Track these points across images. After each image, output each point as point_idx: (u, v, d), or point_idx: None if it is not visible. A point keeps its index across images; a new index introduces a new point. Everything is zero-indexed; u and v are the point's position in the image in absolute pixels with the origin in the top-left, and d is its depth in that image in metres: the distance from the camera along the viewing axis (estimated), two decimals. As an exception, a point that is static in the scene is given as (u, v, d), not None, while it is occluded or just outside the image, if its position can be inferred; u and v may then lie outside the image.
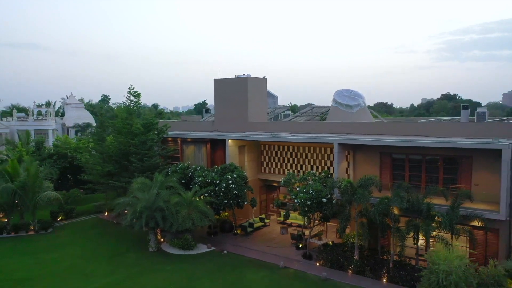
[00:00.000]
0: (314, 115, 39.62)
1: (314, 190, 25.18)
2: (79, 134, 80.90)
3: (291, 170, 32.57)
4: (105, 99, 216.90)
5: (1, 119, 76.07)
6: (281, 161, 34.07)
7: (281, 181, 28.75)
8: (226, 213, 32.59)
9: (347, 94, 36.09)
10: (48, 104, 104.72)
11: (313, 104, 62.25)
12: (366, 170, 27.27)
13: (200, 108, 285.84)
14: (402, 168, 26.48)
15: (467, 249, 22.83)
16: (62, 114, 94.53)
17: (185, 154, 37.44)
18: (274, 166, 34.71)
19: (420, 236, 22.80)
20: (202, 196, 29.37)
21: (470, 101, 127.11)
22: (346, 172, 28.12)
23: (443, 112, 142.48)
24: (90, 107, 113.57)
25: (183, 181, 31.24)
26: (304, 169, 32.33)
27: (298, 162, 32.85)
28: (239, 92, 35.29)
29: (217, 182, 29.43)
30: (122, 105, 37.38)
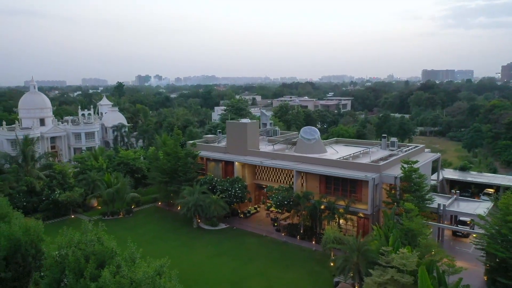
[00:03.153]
0: (288, 142, 61.84)
1: (281, 196, 48.14)
2: (115, 133, 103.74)
3: (272, 180, 55.46)
4: (119, 86, 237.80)
5: (58, 123, 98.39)
6: (267, 173, 56.86)
7: (266, 187, 51.70)
8: (235, 205, 55.63)
9: (308, 131, 58.25)
10: (83, 104, 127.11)
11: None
12: (312, 184, 50.06)
13: (210, 89, 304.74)
14: (330, 184, 49.23)
15: (356, 228, 46.00)
16: (96, 113, 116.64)
17: (208, 168, 60.46)
18: (262, 176, 57.57)
19: (332, 221, 45.94)
20: (221, 196, 52.30)
21: (470, 73, 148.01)
22: (302, 185, 50.90)
23: (421, 105, 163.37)
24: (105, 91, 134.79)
25: (209, 187, 54.18)
26: (279, 179, 55.14)
27: (276, 174, 55.66)
28: (241, 131, 57.58)
29: (230, 189, 52.42)
30: (170, 137, 59.78)
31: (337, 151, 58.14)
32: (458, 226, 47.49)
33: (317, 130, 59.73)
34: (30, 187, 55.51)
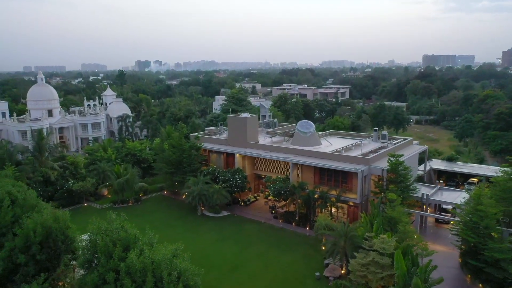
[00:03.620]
0: (286, 134, 65.81)
1: (279, 186, 52.39)
2: (120, 123, 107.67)
3: (270, 170, 59.63)
4: (121, 74, 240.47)
5: (65, 114, 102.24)
6: (265, 164, 61.05)
7: (265, 177, 55.91)
8: (235, 194, 59.93)
9: (305, 125, 62.21)
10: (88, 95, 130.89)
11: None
12: (307, 175, 54.24)
13: (210, 76, 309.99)
14: (323, 175, 53.40)
15: (346, 215, 50.40)
16: (101, 103, 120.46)
17: (211, 159, 64.61)
18: (261, 166, 61.76)
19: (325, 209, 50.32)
20: (223, 186, 56.54)
21: (469, 58, 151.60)
22: (297, 175, 55.08)
23: (417, 94, 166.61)
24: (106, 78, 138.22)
25: (212, 177, 58.40)
26: (277, 169, 59.32)
27: (274, 165, 59.84)
28: (241, 125, 61.52)
29: (231, 179, 56.65)
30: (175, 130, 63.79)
31: (331, 143, 62.22)
32: (440, 214, 51.79)
33: (313, 124, 63.71)
34: (46, 177, 59.72)
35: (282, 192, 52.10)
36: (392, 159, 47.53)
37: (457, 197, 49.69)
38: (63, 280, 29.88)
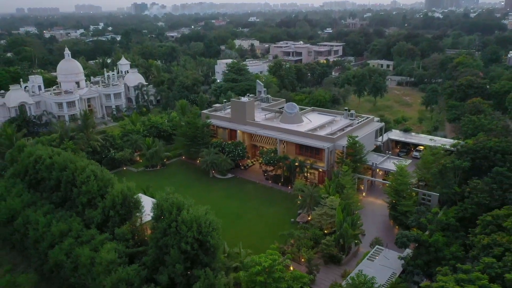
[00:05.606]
0: (276, 111, 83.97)
1: (269, 157, 71.81)
2: (137, 91, 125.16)
3: (264, 142, 78.78)
4: (126, 33, 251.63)
5: (90, 85, 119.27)
6: (260, 138, 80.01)
7: (261, 148, 75.38)
8: (237, 161, 79.38)
9: (290, 106, 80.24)
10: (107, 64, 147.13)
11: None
12: (290, 148, 73.38)
13: (210, 26, 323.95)
14: (302, 149, 72.44)
15: (317, 178, 70.37)
16: (117, 72, 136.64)
17: (218, 133, 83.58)
18: (257, 139, 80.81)
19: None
20: (228, 156, 75.85)
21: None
22: (284, 148, 74.17)
23: (402, 55, 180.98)
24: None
25: (220, 149, 77.57)
26: (268, 142, 78.34)
27: (266, 139, 78.86)
28: (242, 107, 79.59)
29: (234, 150, 75.91)
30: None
31: (311, 121, 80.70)
32: (383, 180, 71.02)
33: (297, 105, 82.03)
34: (93, 148, 78.90)
35: (272, 161, 71.61)
36: (350, 139, 66.44)
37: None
38: (135, 225, 49.96)
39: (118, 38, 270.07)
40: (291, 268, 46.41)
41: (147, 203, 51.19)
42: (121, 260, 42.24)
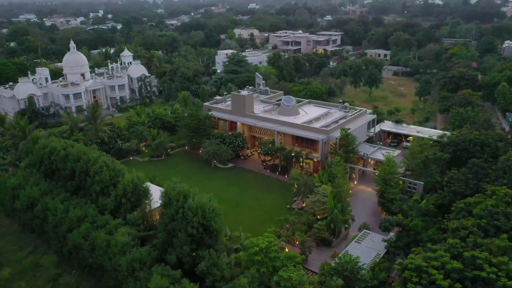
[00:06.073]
0: (274, 103, 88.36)
1: (267, 147, 76.60)
2: (140, 83, 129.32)
3: (262, 133, 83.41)
4: (128, 23, 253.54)
5: (95, 76, 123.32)
6: (259, 129, 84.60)
7: (259, 139, 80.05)
8: (237, 151, 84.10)
9: (288, 99, 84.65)
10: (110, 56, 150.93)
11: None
12: (287, 139, 78.08)
13: (210, 14, 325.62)
14: (298, 140, 77.16)
15: (312, 168, 75.26)
16: (120, 63, 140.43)
17: (219, 124, 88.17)
18: (256, 130, 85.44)
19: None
20: (229, 146, 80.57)
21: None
22: (281, 139, 78.86)
23: (399, 45, 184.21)
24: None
25: (221, 140, 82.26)
26: (266, 133, 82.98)
27: (264, 130, 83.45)
28: (241, 100, 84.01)
29: (234, 141, 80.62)
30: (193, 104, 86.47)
31: (307, 113, 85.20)
32: (374, 170, 75.89)
33: (293, 98, 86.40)
34: (101, 139, 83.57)
35: (270, 152, 76.42)
36: (343, 131, 71.08)
37: (389, 155, 73.89)
38: (145, 211, 54.94)
39: (119, 27, 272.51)
40: (286, 250, 51.62)
41: (154, 191, 56.19)
42: (134, 242, 47.39)
